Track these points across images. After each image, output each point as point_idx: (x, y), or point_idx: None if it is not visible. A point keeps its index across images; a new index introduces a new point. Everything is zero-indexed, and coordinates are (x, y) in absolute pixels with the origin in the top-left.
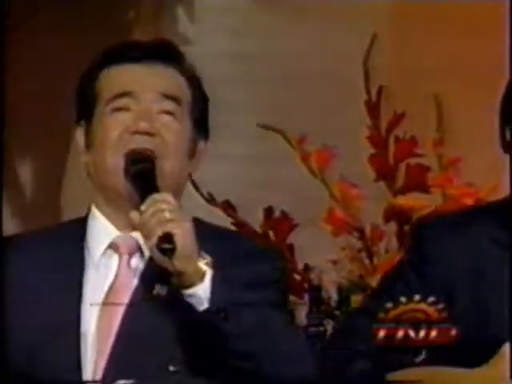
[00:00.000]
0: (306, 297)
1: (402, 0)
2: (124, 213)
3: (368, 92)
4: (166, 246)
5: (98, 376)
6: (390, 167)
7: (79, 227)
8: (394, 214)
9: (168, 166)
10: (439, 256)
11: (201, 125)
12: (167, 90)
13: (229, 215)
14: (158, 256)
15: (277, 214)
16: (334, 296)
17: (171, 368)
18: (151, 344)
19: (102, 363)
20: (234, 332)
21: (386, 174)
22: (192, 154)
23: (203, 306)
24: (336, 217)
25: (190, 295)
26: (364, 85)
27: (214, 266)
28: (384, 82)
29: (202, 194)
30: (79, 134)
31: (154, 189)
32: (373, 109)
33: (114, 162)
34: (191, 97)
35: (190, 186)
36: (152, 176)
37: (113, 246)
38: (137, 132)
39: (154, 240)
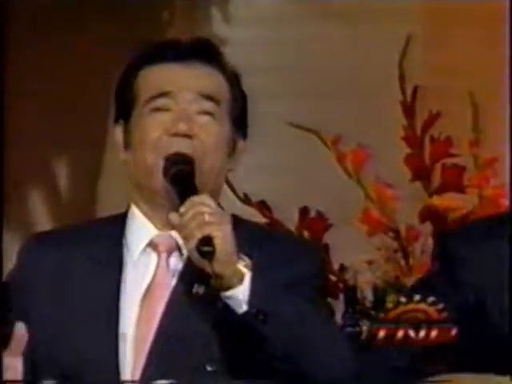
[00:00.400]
0: (342, 297)
1: (436, 0)
2: (162, 212)
3: (403, 92)
4: (206, 248)
5: (137, 376)
6: (426, 167)
7: (118, 224)
8: (430, 215)
9: (207, 167)
10: (469, 267)
11: (240, 124)
12: (205, 90)
13: (264, 215)
14: (198, 258)
15: (312, 214)
16: (370, 296)
17: (209, 368)
18: (189, 344)
19: (141, 363)
20: (273, 334)
21: (421, 174)
22: (231, 153)
23: (242, 308)
24: (371, 217)
25: (229, 297)
26: (399, 85)
27: (253, 267)
28: (419, 82)
29: (237, 195)
30: (118, 133)
31: (194, 191)
32: (408, 109)
33: (154, 162)
34: (230, 96)
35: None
36: (191, 178)
37: (152, 245)
38: (176, 134)
39: (194, 242)
